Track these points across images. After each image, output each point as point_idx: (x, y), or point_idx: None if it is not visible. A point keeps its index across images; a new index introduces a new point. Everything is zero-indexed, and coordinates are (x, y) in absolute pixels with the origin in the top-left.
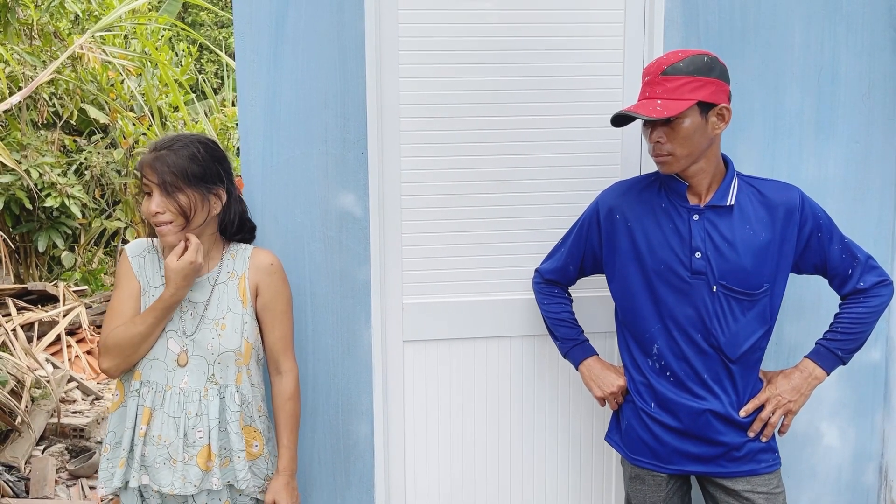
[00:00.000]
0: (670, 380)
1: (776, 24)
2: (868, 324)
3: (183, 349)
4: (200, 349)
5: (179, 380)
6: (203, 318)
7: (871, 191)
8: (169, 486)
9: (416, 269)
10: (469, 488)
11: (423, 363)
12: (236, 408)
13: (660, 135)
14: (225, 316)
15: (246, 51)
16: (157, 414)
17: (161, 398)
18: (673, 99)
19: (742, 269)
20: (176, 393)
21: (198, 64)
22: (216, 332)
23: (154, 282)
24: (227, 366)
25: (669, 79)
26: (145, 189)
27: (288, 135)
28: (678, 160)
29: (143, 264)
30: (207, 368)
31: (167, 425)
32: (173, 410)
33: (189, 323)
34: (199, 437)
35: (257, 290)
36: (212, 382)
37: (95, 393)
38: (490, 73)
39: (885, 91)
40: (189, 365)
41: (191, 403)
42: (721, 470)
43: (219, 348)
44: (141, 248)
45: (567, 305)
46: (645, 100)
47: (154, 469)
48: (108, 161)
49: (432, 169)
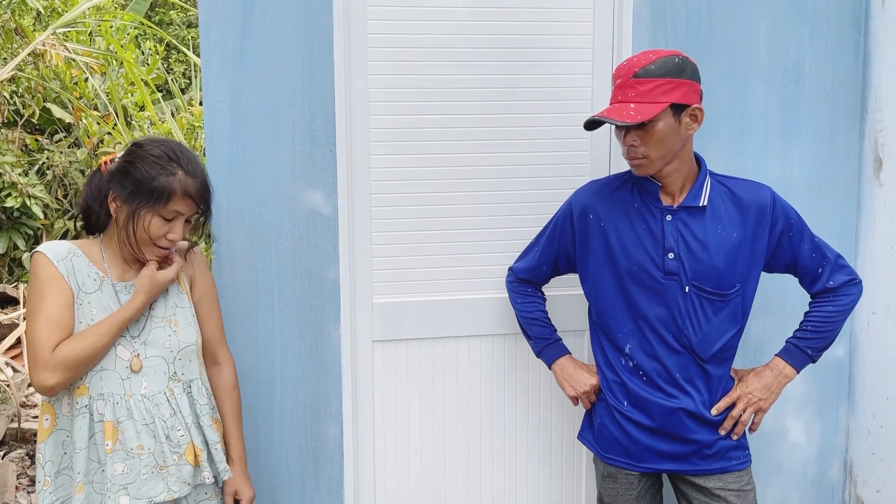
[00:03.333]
0: (643, 379)
1: (742, 25)
2: (837, 322)
3: (134, 354)
4: (156, 349)
5: (138, 386)
6: (151, 318)
7: (835, 190)
8: (165, 494)
9: (385, 267)
10: (440, 490)
11: (393, 363)
12: (205, 400)
13: (634, 138)
14: (175, 312)
15: (211, 46)
16: (125, 426)
17: (125, 409)
18: (646, 102)
19: (714, 269)
20: (139, 400)
21: (165, 63)
22: (171, 329)
23: (87, 287)
24: (190, 360)
25: (641, 81)
26: (172, 214)
27: (254, 131)
28: (653, 162)
29: (72, 268)
30: (167, 367)
31: (143, 434)
32: (144, 418)
33: (134, 326)
34: (182, 436)
35: (192, 282)
36: (174, 381)
37: None
38: (460, 71)
39: (849, 92)
40: (145, 369)
41: (160, 406)
42: (693, 468)
43: (178, 345)
44: (63, 252)
45: (540, 304)
46: (617, 103)
47: (139, 484)
48: (72, 161)
49: (402, 167)
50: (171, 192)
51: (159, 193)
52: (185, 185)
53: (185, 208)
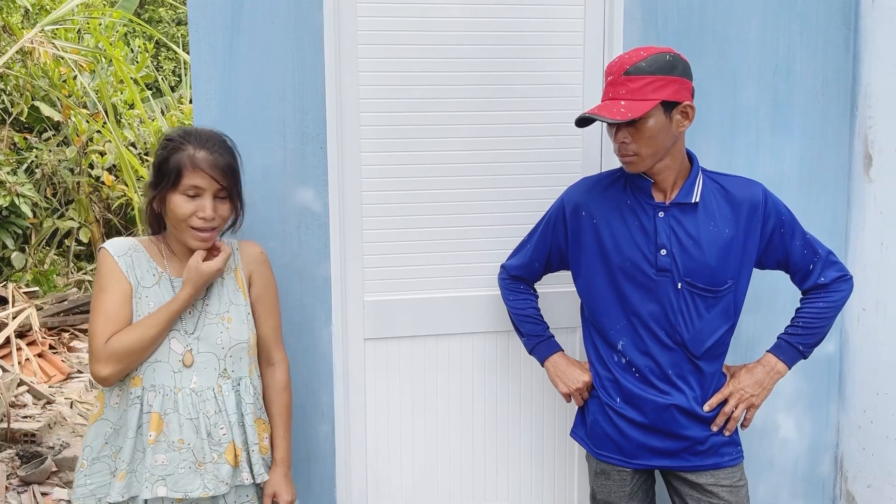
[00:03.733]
0: (635, 375)
1: (733, 21)
2: (828, 318)
3: (187, 349)
4: (208, 345)
5: (188, 380)
6: (204, 313)
7: (825, 186)
8: (200, 490)
9: (377, 265)
10: (432, 487)
11: (384, 361)
12: (251, 400)
13: (625, 135)
14: (228, 309)
15: (200, 42)
16: (170, 418)
17: (172, 401)
18: (636, 99)
19: (707, 266)
20: (188, 394)
21: (155, 61)
22: (223, 326)
23: (146, 281)
24: (241, 358)
25: (632, 79)
26: (192, 190)
27: (244, 128)
28: (644, 160)
29: (132, 263)
30: (218, 364)
31: (186, 428)
32: (189, 412)
33: (188, 321)
34: (224, 435)
35: (250, 280)
36: (224, 377)
37: (47, 397)
38: (450, 68)
39: (839, 88)
40: (196, 364)
41: (207, 402)
42: (685, 464)
43: (229, 342)
44: (125, 248)
45: (533, 301)
46: (608, 101)
47: (177, 476)
48: (60, 159)
49: (393, 164)
50: (181, 167)
51: (172, 171)
52: (194, 158)
53: (201, 181)
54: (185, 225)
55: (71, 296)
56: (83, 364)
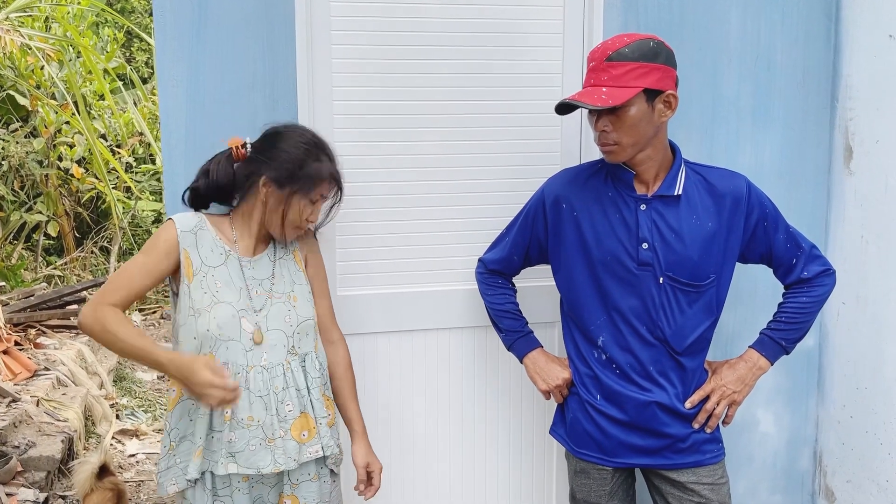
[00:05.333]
0: (616, 372)
1: (713, 11)
2: (812, 313)
3: (256, 327)
4: (277, 323)
5: (259, 358)
6: (272, 292)
7: (805, 178)
8: (272, 466)
9: (351, 259)
10: (408, 486)
11: (359, 357)
12: (317, 374)
13: (605, 123)
14: (293, 289)
15: (166, 27)
16: (241, 396)
17: (244, 379)
18: (618, 86)
19: (689, 260)
20: (259, 371)
21: (127, 52)
22: (290, 304)
23: (211, 261)
24: (307, 334)
25: (614, 65)
26: (318, 198)
27: (213, 117)
28: (624, 149)
29: (196, 242)
30: (287, 341)
31: (256, 406)
32: (259, 389)
33: (257, 300)
34: (290, 411)
35: (306, 261)
36: (292, 354)
37: (12, 395)
38: (427, 56)
39: (820, 79)
40: (265, 342)
41: (276, 378)
42: (666, 462)
43: (297, 319)
44: (192, 224)
45: (511, 296)
46: (590, 87)
47: (248, 453)
48: (28, 151)
49: (367, 154)
50: (320, 178)
51: (310, 179)
52: (332, 170)
53: (329, 192)
54: (294, 225)
55: (38, 291)
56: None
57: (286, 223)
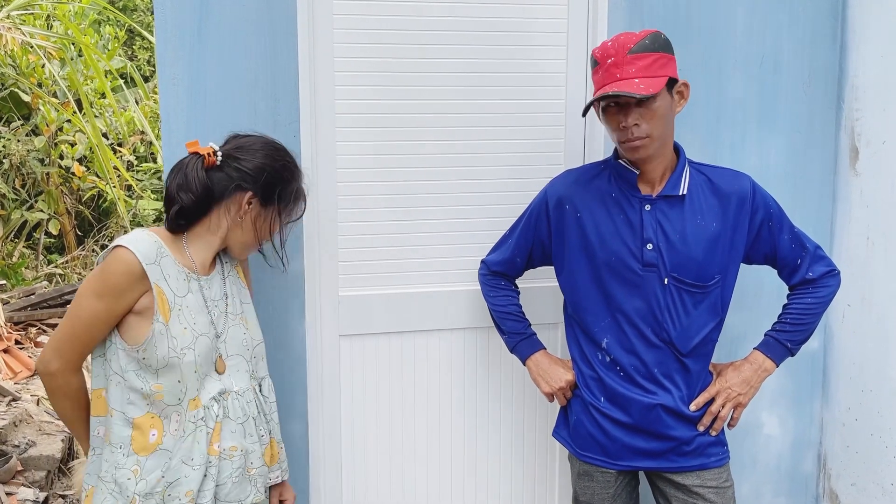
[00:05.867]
0: (620, 374)
1: (719, 10)
2: (817, 314)
3: (218, 354)
4: (236, 347)
5: (231, 384)
6: (227, 313)
7: (811, 180)
8: (253, 496)
9: (352, 259)
10: (409, 489)
11: (360, 358)
12: (274, 398)
13: (637, 117)
14: (243, 309)
15: (167, 23)
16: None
17: (223, 408)
18: (649, 76)
19: (694, 260)
20: (235, 397)
21: (129, 50)
22: (244, 327)
23: (180, 290)
24: (262, 358)
25: (639, 57)
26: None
27: (214, 115)
28: (654, 142)
29: (162, 274)
30: (247, 366)
31: (237, 434)
32: (238, 417)
33: (218, 324)
34: (262, 436)
35: (245, 274)
36: (254, 379)
37: (12, 394)
38: (430, 55)
39: (826, 81)
40: (228, 368)
41: (249, 404)
42: (671, 465)
43: (251, 342)
44: (153, 252)
45: (514, 298)
46: (620, 80)
47: (229, 486)
48: (29, 149)
49: (369, 154)
50: (303, 199)
51: (296, 199)
52: (305, 192)
53: (301, 213)
54: (261, 242)
55: (39, 289)
56: None
57: (258, 240)
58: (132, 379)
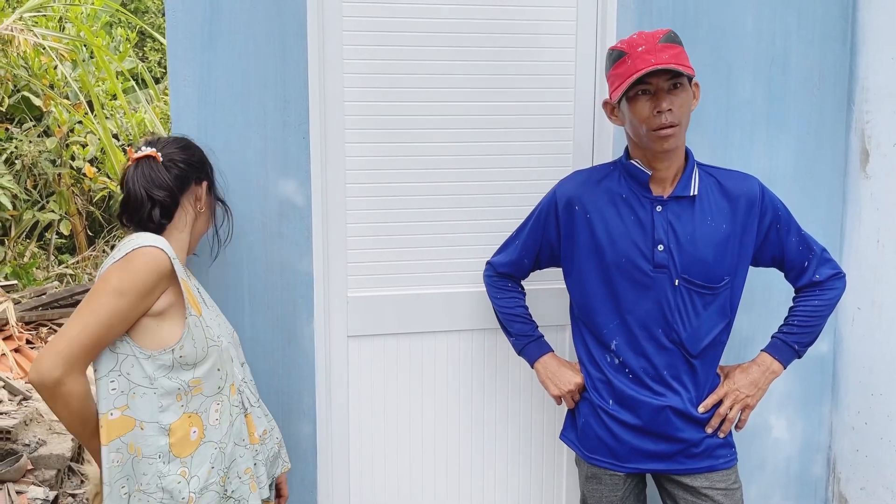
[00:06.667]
0: (629, 376)
1: (729, 12)
2: (823, 316)
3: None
4: (227, 337)
5: (241, 370)
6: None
7: (821, 182)
8: (281, 466)
9: (361, 260)
10: (417, 490)
11: (368, 359)
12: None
13: (670, 102)
14: (215, 303)
15: (178, 26)
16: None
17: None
18: (681, 64)
19: (704, 262)
20: (247, 384)
21: (140, 52)
22: (222, 318)
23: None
24: (240, 345)
25: (670, 46)
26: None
27: (224, 116)
28: (681, 131)
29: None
30: (238, 353)
31: (261, 419)
32: (254, 401)
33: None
34: (268, 416)
35: None
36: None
37: (23, 393)
38: (439, 57)
39: (836, 82)
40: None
41: (254, 389)
42: (679, 467)
43: (232, 331)
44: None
45: (521, 300)
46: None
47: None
48: (41, 150)
49: (378, 155)
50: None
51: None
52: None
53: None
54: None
55: (50, 289)
56: None
57: (205, 228)
58: (164, 383)
